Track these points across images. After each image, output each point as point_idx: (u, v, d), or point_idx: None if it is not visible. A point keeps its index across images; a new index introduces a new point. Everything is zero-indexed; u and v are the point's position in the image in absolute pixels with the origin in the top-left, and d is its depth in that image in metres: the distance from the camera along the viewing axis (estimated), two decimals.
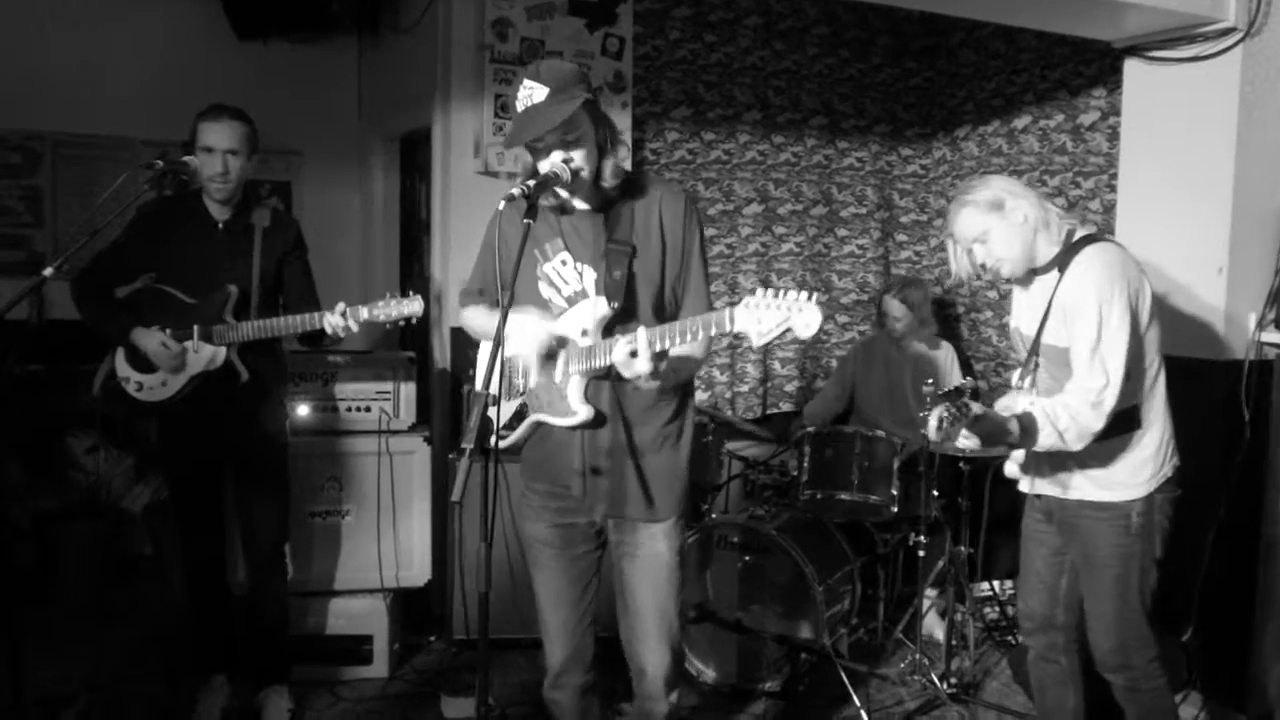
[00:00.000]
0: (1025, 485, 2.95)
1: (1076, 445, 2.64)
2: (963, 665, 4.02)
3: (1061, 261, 2.74)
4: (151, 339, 3.26)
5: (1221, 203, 3.61)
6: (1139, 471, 2.74)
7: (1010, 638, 4.32)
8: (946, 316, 5.39)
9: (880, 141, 5.58)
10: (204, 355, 3.28)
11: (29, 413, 4.60)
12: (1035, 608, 2.98)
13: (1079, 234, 2.78)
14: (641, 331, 2.21)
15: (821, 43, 5.36)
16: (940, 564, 4.14)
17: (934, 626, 4.34)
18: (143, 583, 4.71)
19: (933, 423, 2.47)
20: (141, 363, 3.34)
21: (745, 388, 5.32)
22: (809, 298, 2.03)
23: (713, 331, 2.17)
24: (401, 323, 3.21)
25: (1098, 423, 2.61)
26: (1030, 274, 2.82)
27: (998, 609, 4.49)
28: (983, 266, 2.78)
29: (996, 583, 4.55)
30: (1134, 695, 2.83)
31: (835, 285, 5.55)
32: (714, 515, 4.17)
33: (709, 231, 5.16)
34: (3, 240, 5.22)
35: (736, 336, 2.18)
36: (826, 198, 5.46)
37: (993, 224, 2.72)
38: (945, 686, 3.83)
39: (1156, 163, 3.83)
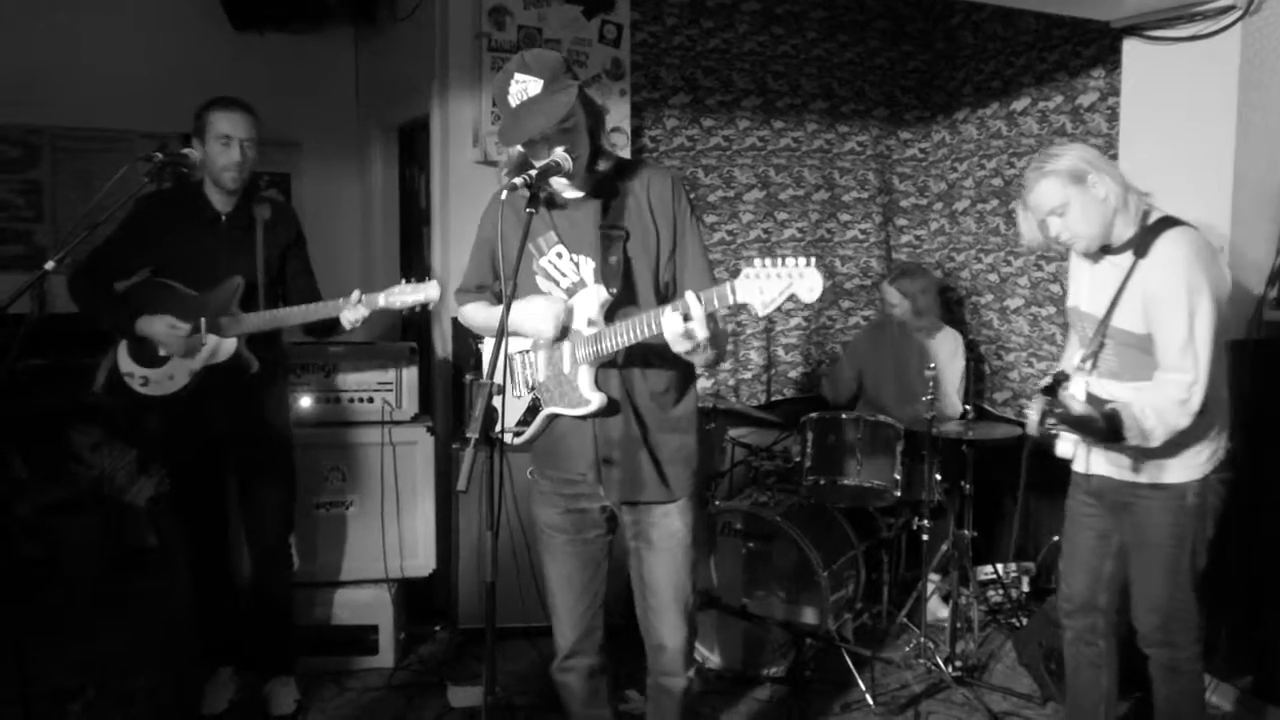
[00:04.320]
0: (1080, 465, 2.90)
1: (1159, 443, 2.61)
2: (967, 648, 4.03)
3: (1139, 244, 2.66)
4: (159, 323, 3.24)
5: (1222, 182, 3.60)
6: (1198, 454, 2.71)
7: (1014, 620, 4.33)
8: (948, 300, 5.37)
9: (880, 125, 5.56)
10: (210, 346, 3.28)
11: (31, 407, 4.61)
12: (1077, 590, 2.96)
13: (1154, 215, 2.71)
14: (689, 295, 2.19)
15: (819, 26, 5.33)
16: (944, 548, 4.15)
17: (938, 610, 4.35)
18: (148, 575, 4.72)
19: (1034, 416, 2.57)
20: (146, 357, 3.33)
21: (749, 374, 5.31)
22: (808, 262, 2.08)
23: (715, 305, 2.18)
24: (417, 309, 3.22)
25: (1185, 420, 2.58)
26: (1100, 251, 2.75)
27: (1001, 592, 4.50)
28: (1055, 239, 2.73)
29: (1000, 565, 4.56)
30: (1172, 675, 2.82)
31: (839, 270, 5.53)
32: (717, 502, 4.17)
33: (710, 218, 5.15)
34: (3, 235, 5.22)
35: (741, 308, 2.19)
36: (829, 182, 5.45)
37: (1073, 196, 2.65)
38: (950, 670, 3.84)
39: (1156, 142, 3.81)
